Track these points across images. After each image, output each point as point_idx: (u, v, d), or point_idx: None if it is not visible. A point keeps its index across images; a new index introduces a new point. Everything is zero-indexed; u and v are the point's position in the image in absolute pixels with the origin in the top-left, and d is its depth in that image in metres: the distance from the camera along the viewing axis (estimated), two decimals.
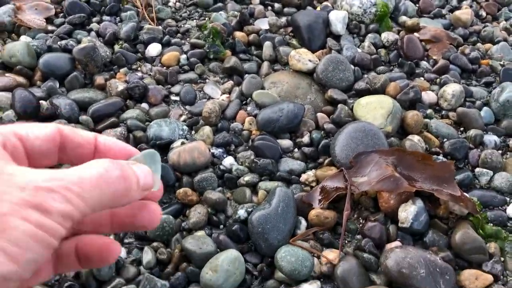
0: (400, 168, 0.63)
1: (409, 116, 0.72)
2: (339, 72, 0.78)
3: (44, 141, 0.33)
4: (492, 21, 1.00)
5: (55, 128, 0.33)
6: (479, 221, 0.62)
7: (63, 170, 0.29)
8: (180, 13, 0.90)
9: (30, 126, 0.33)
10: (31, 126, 0.33)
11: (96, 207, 0.29)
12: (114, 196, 0.31)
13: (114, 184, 0.31)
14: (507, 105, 0.77)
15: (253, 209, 0.61)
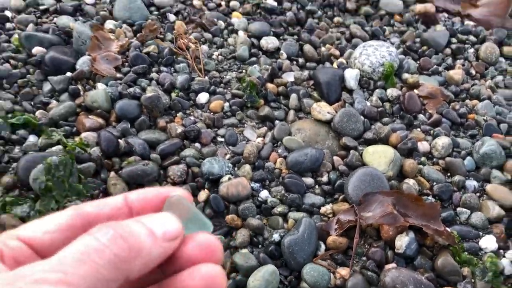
0: (398, 207, 0.82)
1: (406, 164, 0.91)
2: (352, 123, 0.97)
3: (56, 232, 0.30)
4: (480, 79, 1.19)
5: (71, 213, 0.31)
6: (456, 250, 0.81)
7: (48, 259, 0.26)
8: (222, 65, 1.09)
9: (38, 223, 0.31)
10: (38, 223, 0.31)
11: (96, 283, 0.26)
12: (116, 262, 0.27)
13: (109, 249, 0.27)
14: (485, 157, 0.96)
15: (285, 234, 0.79)
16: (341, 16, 1.27)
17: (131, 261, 0.27)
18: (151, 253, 0.29)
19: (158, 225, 0.30)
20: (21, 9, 1.13)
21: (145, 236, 0.29)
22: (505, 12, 1.32)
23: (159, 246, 0.29)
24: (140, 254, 0.28)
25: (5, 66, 0.98)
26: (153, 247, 0.29)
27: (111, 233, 0.28)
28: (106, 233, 0.28)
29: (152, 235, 0.29)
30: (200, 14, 1.17)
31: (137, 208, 0.33)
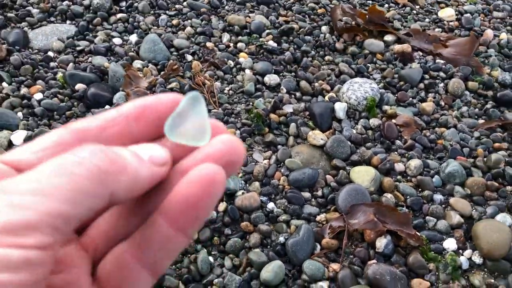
0: (378, 215, 1.03)
1: (385, 181, 1.13)
2: (341, 148, 1.19)
3: (45, 150, 0.27)
4: (448, 109, 1.41)
5: (60, 131, 0.28)
6: (425, 250, 1.02)
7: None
8: (233, 98, 1.30)
9: (26, 145, 0.28)
10: (26, 145, 0.28)
11: (76, 196, 0.23)
12: (98, 173, 0.24)
13: (89, 160, 0.24)
14: (450, 175, 1.17)
15: (288, 237, 1.00)
16: (331, 55, 1.49)
17: (116, 175, 0.25)
18: (138, 172, 0.26)
19: (143, 150, 0.28)
20: (61, 50, 1.34)
21: (129, 155, 0.27)
22: (470, 52, 1.55)
23: (147, 167, 0.27)
24: (125, 170, 0.26)
25: (54, 100, 1.18)
26: (139, 166, 0.27)
27: (91, 148, 0.25)
28: (84, 149, 0.25)
29: (136, 155, 0.27)
30: (213, 55, 1.39)
31: (135, 116, 0.30)
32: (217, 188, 0.27)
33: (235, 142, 0.30)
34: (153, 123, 0.31)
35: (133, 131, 0.30)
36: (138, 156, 0.28)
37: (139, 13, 1.50)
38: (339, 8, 1.59)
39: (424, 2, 1.82)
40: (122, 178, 0.26)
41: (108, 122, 0.30)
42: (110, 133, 0.30)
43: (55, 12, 1.45)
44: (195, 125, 0.30)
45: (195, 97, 0.31)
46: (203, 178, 0.27)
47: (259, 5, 1.61)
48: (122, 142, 0.29)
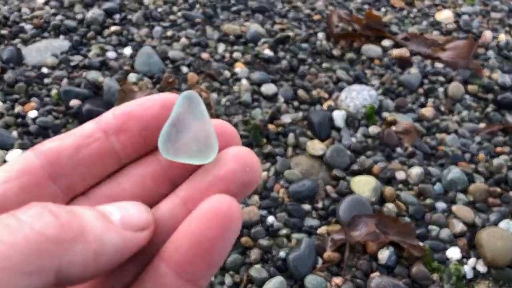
0: (380, 226, 1.02)
1: (386, 190, 1.11)
2: (340, 157, 1.17)
3: (10, 182, 0.23)
4: (448, 114, 1.40)
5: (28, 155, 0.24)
6: (428, 260, 1.00)
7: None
8: (230, 110, 1.29)
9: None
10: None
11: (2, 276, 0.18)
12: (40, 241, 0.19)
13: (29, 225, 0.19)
14: (452, 182, 1.15)
15: (289, 251, 0.98)
16: (328, 62, 1.47)
17: (66, 244, 0.20)
18: (102, 240, 0.21)
19: (115, 210, 0.23)
20: (55, 66, 1.33)
21: (91, 216, 0.21)
22: (469, 54, 1.54)
23: (116, 232, 0.22)
24: (83, 237, 0.20)
25: (48, 117, 1.17)
26: (105, 231, 0.21)
27: (36, 209, 0.20)
28: (29, 209, 0.20)
29: (102, 217, 0.22)
30: (208, 66, 1.37)
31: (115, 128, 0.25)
32: (234, 226, 0.23)
33: (249, 157, 0.26)
34: (139, 136, 0.26)
35: (115, 148, 0.26)
36: (104, 217, 0.22)
37: (133, 25, 1.49)
38: (335, 14, 1.58)
39: (421, 5, 1.81)
40: (77, 247, 0.20)
41: (84, 139, 0.25)
42: (87, 153, 0.25)
43: (48, 27, 1.44)
44: (197, 136, 0.25)
45: (191, 97, 0.25)
46: (215, 214, 0.23)
47: (254, 14, 1.60)
48: (103, 163, 0.25)
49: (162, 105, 0.26)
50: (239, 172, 0.25)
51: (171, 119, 0.25)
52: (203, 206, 0.24)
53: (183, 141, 0.25)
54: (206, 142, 0.25)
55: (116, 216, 0.23)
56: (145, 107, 0.26)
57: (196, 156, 0.25)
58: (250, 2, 1.64)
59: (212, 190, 0.25)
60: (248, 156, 0.26)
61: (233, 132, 0.28)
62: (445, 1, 1.85)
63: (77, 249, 0.20)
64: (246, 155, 0.26)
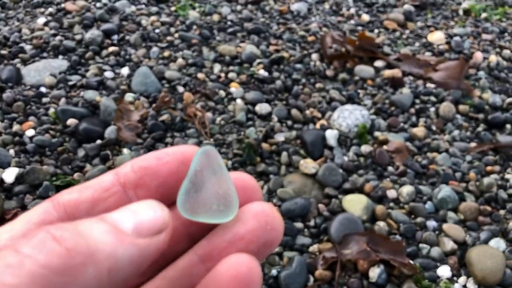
0: (371, 244, 1.03)
1: (377, 209, 1.13)
2: (332, 176, 1.19)
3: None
4: (440, 133, 1.42)
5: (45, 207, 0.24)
6: (418, 278, 1.01)
7: None
8: (224, 129, 1.31)
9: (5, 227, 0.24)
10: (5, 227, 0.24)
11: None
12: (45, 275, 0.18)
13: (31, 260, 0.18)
14: (442, 201, 1.17)
15: (281, 269, 1.00)
16: (322, 82, 1.50)
17: (76, 271, 0.19)
18: (117, 255, 0.20)
19: (127, 217, 0.22)
20: (53, 85, 1.35)
21: (100, 233, 0.20)
22: (460, 75, 1.57)
23: (131, 244, 0.21)
24: (93, 258, 0.19)
25: (45, 136, 1.19)
26: (118, 247, 0.20)
27: (38, 237, 0.19)
28: (30, 239, 0.19)
29: (114, 230, 0.21)
30: (204, 86, 1.40)
31: (134, 183, 0.25)
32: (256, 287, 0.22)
33: (271, 215, 0.24)
34: (157, 191, 0.25)
35: (133, 202, 0.24)
36: (115, 229, 0.21)
37: (130, 46, 1.52)
38: (329, 36, 1.61)
39: (414, 27, 1.84)
40: (88, 271, 0.19)
41: (102, 192, 0.25)
42: (105, 207, 0.25)
43: (47, 47, 1.47)
44: (216, 193, 0.24)
45: (208, 152, 0.25)
46: (234, 276, 0.21)
47: (250, 35, 1.63)
48: None
49: (181, 160, 0.26)
50: (260, 231, 0.24)
51: (190, 176, 0.25)
52: (221, 267, 0.22)
53: (202, 199, 0.24)
54: (226, 199, 0.24)
55: (128, 224, 0.21)
56: (163, 162, 0.26)
57: (216, 216, 0.24)
58: (246, 24, 1.68)
59: (231, 249, 0.24)
60: (270, 214, 0.24)
61: (254, 185, 0.26)
62: (437, 23, 1.88)
63: (89, 273, 0.19)
64: (268, 213, 0.24)
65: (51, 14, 1.62)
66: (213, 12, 1.73)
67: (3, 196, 1.04)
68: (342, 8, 1.90)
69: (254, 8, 1.79)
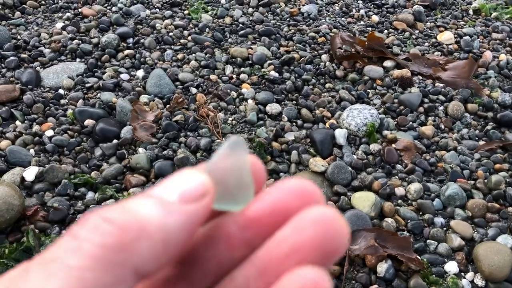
0: (378, 240, 1.06)
1: (386, 206, 1.15)
2: (341, 174, 1.22)
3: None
4: (448, 132, 1.44)
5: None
6: (426, 274, 1.04)
7: None
8: (236, 128, 1.34)
9: None
10: None
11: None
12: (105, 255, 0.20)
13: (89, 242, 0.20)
14: (450, 198, 1.19)
15: None
16: (331, 83, 1.53)
17: (131, 246, 0.20)
18: (165, 227, 0.21)
19: (170, 188, 0.23)
20: (71, 87, 1.40)
21: (148, 207, 0.21)
22: (469, 74, 1.58)
23: (178, 213, 0.21)
24: (145, 233, 0.20)
25: (64, 136, 1.24)
26: (167, 217, 0.21)
27: (91, 221, 0.21)
28: (84, 223, 0.21)
29: (161, 202, 0.22)
30: (216, 87, 1.44)
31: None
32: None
33: (333, 221, 0.22)
34: None
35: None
36: (161, 202, 0.22)
37: (145, 49, 1.56)
38: (339, 37, 1.64)
39: (423, 27, 1.86)
40: (143, 245, 0.20)
41: None
42: None
43: (65, 51, 1.52)
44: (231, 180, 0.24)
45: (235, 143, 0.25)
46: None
47: (261, 37, 1.67)
48: None
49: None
50: (320, 240, 0.22)
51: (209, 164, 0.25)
52: (286, 284, 0.21)
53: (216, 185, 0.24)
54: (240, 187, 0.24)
55: (173, 194, 0.22)
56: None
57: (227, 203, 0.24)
58: (257, 26, 1.71)
59: (290, 261, 0.22)
60: (331, 220, 0.22)
61: (313, 189, 0.25)
62: (447, 23, 1.90)
63: (143, 246, 0.20)
64: (329, 219, 0.22)
65: (69, 19, 1.67)
66: (225, 15, 1.77)
67: (24, 194, 1.09)
68: (352, 10, 1.92)
69: (265, 10, 1.82)
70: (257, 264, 0.24)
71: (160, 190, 0.23)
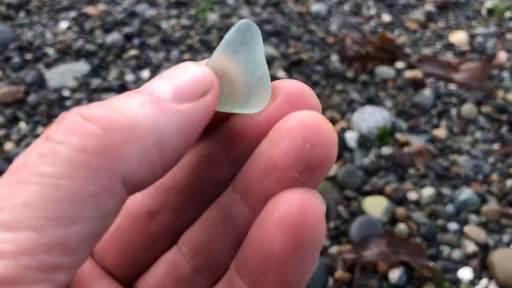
0: (390, 246, 1.02)
1: (398, 211, 1.12)
2: (352, 178, 1.18)
3: None
4: (461, 135, 1.40)
5: None
6: (439, 280, 1.00)
7: None
8: None
9: None
10: None
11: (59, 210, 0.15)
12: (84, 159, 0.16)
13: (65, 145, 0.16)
14: (464, 203, 1.16)
15: None
16: (341, 84, 1.50)
17: (119, 150, 0.17)
18: (159, 126, 0.18)
19: (162, 83, 0.19)
20: (75, 89, 1.38)
21: (137, 104, 0.18)
22: (482, 76, 1.55)
23: (174, 111, 0.18)
24: (134, 134, 0.17)
25: None
26: (161, 115, 0.18)
27: (68, 119, 0.17)
28: (59, 123, 0.17)
29: (152, 99, 0.18)
30: None
31: None
32: (311, 235, 0.18)
33: (311, 127, 0.19)
34: None
35: None
36: (152, 98, 0.18)
37: (151, 49, 1.54)
38: (349, 37, 1.61)
39: (435, 27, 1.83)
40: (133, 148, 0.17)
41: None
42: None
43: (70, 51, 1.50)
44: (246, 76, 0.20)
45: (246, 27, 0.20)
46: (284, 225, 0.18)
47: (269, 37, 1.64)
48: None
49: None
50: (298, 152, 0.19)
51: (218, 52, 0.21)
52: (268, 213, 0.19)
53: (228, 82, 0.21)
54: (258, 84, 0.20)
55: (166, 90, 0.19)
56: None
57: (243, 104, 0.20)
58: (265, 26, 1.68)
59: (268, 181, 0.20)
60: (311, 127, 0.19)
61: (307, 92, 0.21)
62: (459, 23, 1.86)
63: (133, 149, 0.17)
64: (306, 125, 0.19)
65: (73, 19, 1.65)
66: (233, 15, 1.74)
67: None
68: (362, 9, 1.89)
69: (274, 10, 1.80)
70: (237, 187, 0.21)
71: (150, 85, 0.19)
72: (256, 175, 0.20)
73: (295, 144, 0.19)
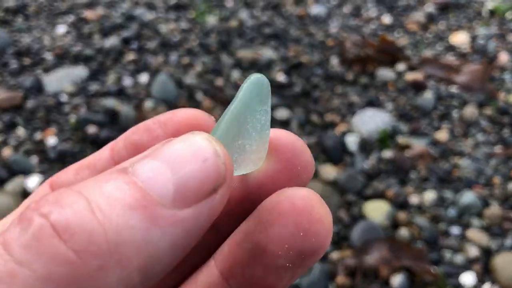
0: (392, 251, 1.01)
1: (399, 215, 1.11)
2: (353, 182, 1.17)
3: None
4: (463, 137, 1.39)
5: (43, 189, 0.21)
6: (441, 285, 0.99)
7: None
8: None
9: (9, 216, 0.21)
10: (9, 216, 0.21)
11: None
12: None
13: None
14: (466, 207, 1.15)
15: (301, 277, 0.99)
16: (341, 87, 1.49)
17: (94, 278, 0.13)
18: (151, 244, 0.14)
19: (162, 173, 0.14)
20: (73, 93, 1.37)
21: (122, 207, 0.13)
22: (483, 77, 1.54)
23: (172, 223, 0.14)
24: (116, 257, 0.13)
25: (67, 143, 1.21)
26: (154, 229, 0.13)
27: (34, 226, 0.13)
28: (23, 232, 0.13)
29: (145, 203, 0.14)
30: (222, 91, 1.40)
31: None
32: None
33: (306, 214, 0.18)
34: None
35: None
36: (145, 200, 0.14)
37: (149, 53, 1.53)
38: (349, 40, 1.60)
39: (435, 29, 1.82)
40: (111, 276, 0.13)
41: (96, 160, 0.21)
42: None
43: (68, 56, 1.49)
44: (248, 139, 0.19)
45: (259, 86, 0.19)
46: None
47: (269, 40, 1.63)
48: None
49: (175, 130, 0.21)
50: (291, 242, 0.17)
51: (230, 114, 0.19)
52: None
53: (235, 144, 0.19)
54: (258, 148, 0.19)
55: (166, 186, 0.14)
56: (153, 136, 0.21)
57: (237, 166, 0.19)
58: (265, 29, 1.68)
59: (256, 267, 0.18)
60: (304, 212, 0.17)
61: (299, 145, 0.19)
62: (460, 25, 1.85)
63: (110, 278, 0.13)
64: (300, 211, 0.17)
65: (72, 24, 1.65)
66: (232, 18, 1.73)
67: None
68: (362, 11, 1.88)
69: (273, 13, 1.79)
70: (220, 264, 0.19)
71: (144, 173, 0.14)
72: (242, 258, 0.18)
73: (287, 231, 0.17)
